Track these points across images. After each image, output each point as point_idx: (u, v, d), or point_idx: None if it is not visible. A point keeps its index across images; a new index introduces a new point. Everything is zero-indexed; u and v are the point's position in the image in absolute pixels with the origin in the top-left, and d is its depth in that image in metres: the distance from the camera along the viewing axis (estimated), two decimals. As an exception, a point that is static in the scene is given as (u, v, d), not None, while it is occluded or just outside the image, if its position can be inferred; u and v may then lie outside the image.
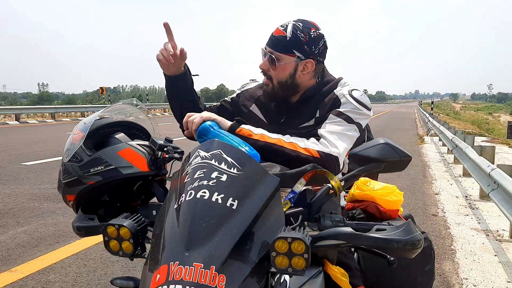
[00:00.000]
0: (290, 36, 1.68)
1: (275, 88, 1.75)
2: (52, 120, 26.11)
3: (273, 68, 1.73)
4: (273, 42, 1.71)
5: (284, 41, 1.69)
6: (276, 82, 1.74)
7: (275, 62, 1.71)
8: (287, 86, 1.74)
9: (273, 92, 1.77)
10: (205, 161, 1.13)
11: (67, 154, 1.37)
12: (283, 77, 1.73)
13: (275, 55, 1.70)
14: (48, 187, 7.05)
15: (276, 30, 1.73)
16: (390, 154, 1.25)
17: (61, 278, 3.62)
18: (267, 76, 1.76)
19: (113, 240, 1.15)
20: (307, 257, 0.99)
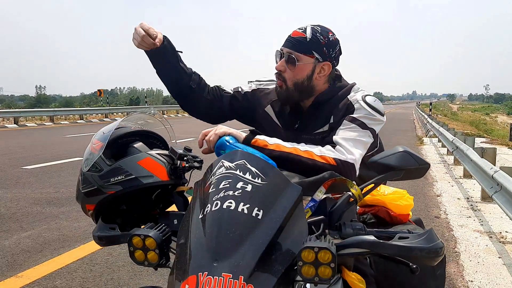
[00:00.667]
0: (310, 37, 1.71)
1: (290, 89, 1.76)
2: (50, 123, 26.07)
3: (291, 69, 1.74)
4: (292, 43, 1.73)
5: (304, 42, 1.71)
6: (292, 84, 1.75)
7: (294, 62, 1.72)
8: (302, 88, 1.76)
9: (287, 94, 1.77)
10: (229, 171, 1.15)
11: (86, 164, 1.37)
12: (299, 78, 1.74)
13: (294, 55, 1.72)
14: (50, 191, 7.05)
15: (294, 32, 1.75)
16: (409, 162, 1.26)
17: (67, 283, 3.62)
18: (281, 78, 1.77)
19: (138, 250, 1.16)
20: (334, 266, 1.00)
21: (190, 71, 1.94)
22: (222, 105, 1.99)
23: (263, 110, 1.92)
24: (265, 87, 1.99)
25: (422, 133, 20.99)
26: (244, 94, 1.99)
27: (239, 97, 1.99)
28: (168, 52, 1.85)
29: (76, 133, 18.37)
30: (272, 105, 1.91)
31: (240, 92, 2.00)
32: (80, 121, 28.36)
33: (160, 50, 1.82)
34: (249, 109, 1.96)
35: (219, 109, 2.00)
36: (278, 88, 1.80)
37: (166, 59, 1.85)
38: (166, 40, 1.83)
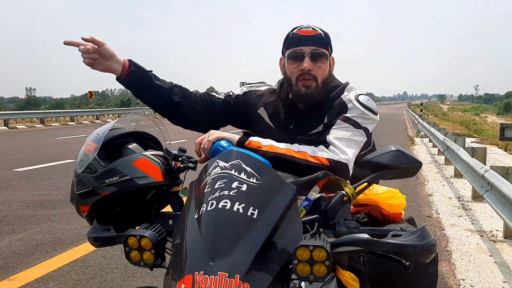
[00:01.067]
0: (323, 33, 1.76)
1: (319, 87, 1.75)
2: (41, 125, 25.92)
3: (320, 66, 1.74)
4: (312, 41, 1.73)
5: (321, 38, 1.75)
6: (321, 80, 1.76)
7: (326, 57, 1.75)
8: (327, 83, 1.79)
9: (317, 92, 1.76)
10: (225, 171, 1.15)
11: (80, 165, 1.37)
12: (327, 73, 1.78)
13: (322, 51, 1.74)
14: (42, 193, 7.01)
15: (305, 32, 1.75)
16: (402, 161, 1.28)
17: (60, 286, 3.61)
18: (311, 76, 1.74)
19: (134, 251, 1.16)
20: (328, 264, 1.01)
21: (170, 86, 1.90)
22: (214, 112, 1.96)
23: (256, 112, 1.92)
24: (256, 89, 1.99)
25: (413, 133, 21.13)
26: (235, 97, 1.98)
27: (231, 101, 1.97)
28: (138, 74, 1.81)
29: (67, 135, 18.27)
30: (265, 107, 1.91)
31: (231, 96, 1.98)
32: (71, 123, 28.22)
33: (130, 75, 1.79)
34: (242, 112, 1.96)
35: (211, 116, 1.96)
36: (305, 89, 1.75)
37: (140, 81, 1.82)
38: (132, 63, 1.81)
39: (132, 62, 1.81)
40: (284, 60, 1.82)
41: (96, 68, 1.73)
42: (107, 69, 1.76)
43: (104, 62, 1.73)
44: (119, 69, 1.77)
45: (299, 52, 1.74)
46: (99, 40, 1.70)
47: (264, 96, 1.94)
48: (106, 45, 1.71)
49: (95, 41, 1.69)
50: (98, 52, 1.71)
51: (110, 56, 1.73)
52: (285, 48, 1.80)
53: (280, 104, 1.88)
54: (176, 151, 1.42)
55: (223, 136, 1.55)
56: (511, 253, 4.43)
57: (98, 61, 1.72)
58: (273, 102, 1.90)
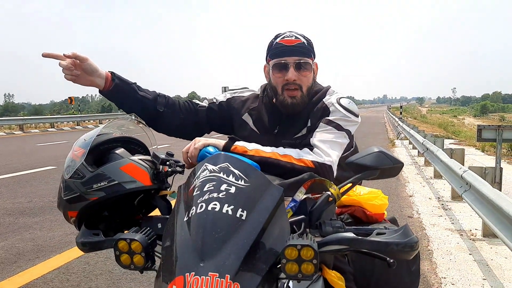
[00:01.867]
0: (305, 41, 1.77)
1: (304, 96, 1.79)
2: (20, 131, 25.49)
3: (305, 75, 1.77)
4: (296, 51, 1.75)
5: (305, 47, 1.77)
6: (306, 89, 1.79)
7: (309, 67, 1.77)
8: (311, 91, 1.81)
9: (302, 101, 1.79)
10: (213, 174, 1.18)
11: (67, 171, 1.37)
12: (311, 81, 1.81)
13: (306, 61, 1.76)
14: (23, 201, 6.90)
15: (288, 41, 1.76)
16: (384, 162, 1.32)
17: (43, 294, 3.57)
18: (297, 86, 1.77)
19: (124, 254, 1.17)
20: (316, 263, 1.04)
21: (154, 95, 1.91)
22: (198, 120, 1.97)
23: (240, 118, 1.94)
24: (239, 95, 2.01)
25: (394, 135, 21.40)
26: (219, 104, 1.99)
27: (215, 108, 1.99)
28: (122, 87, 1.82)
29: (47, 141, 17.97)
30: (250, 113, 1.93)
31: (215, 103, 2.00)
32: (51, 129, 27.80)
33: (114, 88, 1.80)
34: (226, 118, 1.97)
35: (195, 124, 1.98)
36: (291, 99, 1.77)
37: (124, 94, 1.82)
38: (114, 76, 1.81)
39: (114, 74, 1.81)
40: (269, 68, 1.85)
41: (78, 83, 1.73)
42: (90, 84, 1.76)
43: (87, 77, 1.73)
44: (102, 83, 1.77)
45: (284, 63, 1.76)
46: (82, 56, 1.69)
47: (248, 101, 1.97)
48: (88, 60, 1.71)
49: (77, 57, 1.68)
50: (80, 67, 1.70)
51: (92, 71, 1.73)
52: (269, 57, 1.83)
53: (263, 109, 1.90)
54: (164, 156, 1.44)
55: (209, 142, 1.57)
56: (490, 251, 4.54)
57: (80, 76, 1.71)
58: (257, 107, 1.92)
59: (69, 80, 1.71)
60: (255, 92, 2.01)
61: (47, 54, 1.68)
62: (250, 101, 1.97)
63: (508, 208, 3.37)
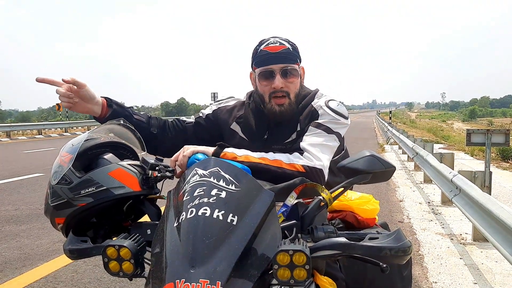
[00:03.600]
0: (290, 46, 1.75)
1: (292, 103, 1.77)
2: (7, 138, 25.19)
3: (292, 81, 1.75)
4: (281, 58, 1.73)
5: (290, 52, 1.74)
6: (294, 96, 1.77)
7: (296, 73, 1.75)
8: (299, 97, 1.79)
9: (291, 108, 1.77)
10: (204, 179, 1.16)
11: (55, 177, 1.35)
12: (298, 87, 1.78)
13: (292, 67, 1.74)
14: (9, 208, 6.80)
15: (272, 48, 1.74)
16: (376, 166, 1.31)
17: (31, 303, 3.50)
18: (285, 93, 1.75)
19: (113, 261, 1.15)
20: (308, 268, 1.03)
21: (147, 118, 1.91)
22: (187, 137, 1.96)
23: (228, 128, 1.92)
24: (225, 105, 1.99)
25: (383, 140, 21.51)
26: (206, 118, 1.98)
27: (202, 122, 1.98)
28: (119, 112, 1.82)
29: (35, 148, 17.78)
30: (237, 121, 1.91)
31: (202, 117, 1.99)
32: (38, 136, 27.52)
33: (111, 115, 1.79)
34: (214, 130, 1.95)
35: (185, 142, 1.91)
36: (279, 107, 1.76)
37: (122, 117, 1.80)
38: (110, 102, 1.81)
39: (111, 100, 1.81)
40: (255, 76, 1.83)
41: (75, 110, 1.73)
42: (87, 111, 1.76)
43: (84, 104, 1.73)
44: (99, 110, 1.78)
45: (270, 71, 1.74)
46: (80, 82, 1.68)
47: (234, 110, 1.95)
48: (86, 87, 1.70)
49: (76, 83, 1.67)
50: (77, 94, 1.69)
51: (90, 98, 1.73)
52: (255, 65, 1.80)
53: (251, 116, 1.89)
54: (153, 161, 1.42)
55: (198, 149, 1.55)
56: (480, 255, 4.55)
57: (77, 103, 1.71)
58: (244, 114, 1.91)
59: (66, 107, 1.70)
60: (241, 100, 1.99)
61: (41, 79, 1.66)
62: (236, 109, 1.95)
63: (498, 212, 3.39)
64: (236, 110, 1.95)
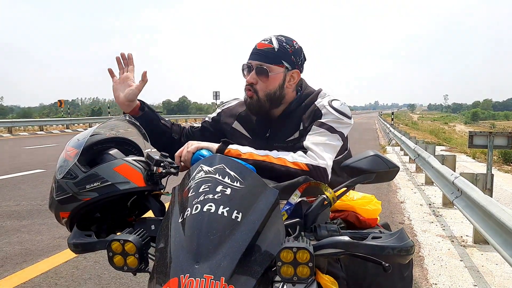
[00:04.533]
0: (278, 47, 1.74)
1: (261, 100, 1.77)
2: (8, 134, 25.23)
3: (263, 80, 1.75)
4: (260, 55, 1.75)
5: (273, 53, 1.74)
6: (264, 94, 1.77)
7: (267, 73, 1.74)
8: (274, 98, 1.78)
9: (258, 105, 1.78)
10: (209, 175, 1.16)
11: (60, 171, 1.35)
12: (272, 89, 1.76)
13: (265, 66, 1.73)
14: (10, 204, 6.82)
15: (260, 44, 1.76)
16: (380, 165, 1.32)
17: (31, 298, 3.51)
18: (253, 89, 1.78)
19: (117, 256, 1.15)
20: (312, 266, 1.03)
21: (170, 124, 2.00)
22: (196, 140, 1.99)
23: (231, 127, 1.94)
24: (228, 106, 2.02)
25: (385, 142, 21.50)
26: (212, 121, 2.02)
27: (208, 125, 2.01)
28: (149, 115, 1.92)
29: (36, 144, 17.82)
30: (239, 120, 1.92)
31: (208, 121, 2.03)
32: (40, 132, 27.56)
33: (143, 116, 1.89)
34: (219, 132, 1.97)
35: None
36: (248, 99, 1.80)
37: (150, 123, 1.90)
38: (144, 104, 1.91)
39: (144, 103, 1.92)
40: None
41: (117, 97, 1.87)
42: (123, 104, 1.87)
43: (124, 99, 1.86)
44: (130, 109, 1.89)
45: (247, 65, 1.79)
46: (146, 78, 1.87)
47: (235, 109, 1.97)
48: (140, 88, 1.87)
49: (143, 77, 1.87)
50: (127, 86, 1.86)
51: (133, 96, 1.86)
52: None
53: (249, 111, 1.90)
54: (158, 157, 1.42)
55: (202, 145, 1.56)
56: (480, 257, 4.56)
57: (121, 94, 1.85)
58: (245, 111, 1.91)
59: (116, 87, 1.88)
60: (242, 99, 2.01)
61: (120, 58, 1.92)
62: (237, 108, 1.97)
63: (500, 214, 3.39)
64: (237, 109, 1.96)
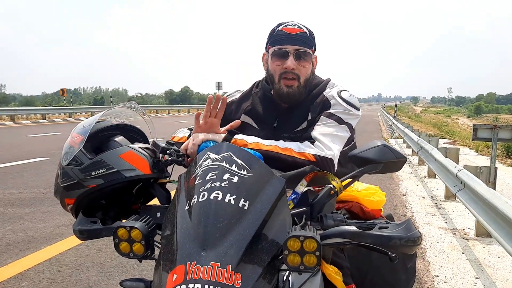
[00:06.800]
0: (308, 32, 1.75)
1: (301, 87, 1.75)
2: (11, 122, 25.29)
3: (304, 65, 1.73)
4: (297, 40, 1.72)
5: (307, 37, 1.74)
6: (304, 80, 1.75)
7: (310, 57, 1.74)
8: (309, 83, 1.78)
9: (298, 92, 1.75)
10: (216, 163, 1.16)
11: (65, 158, 1.35)
12: (309, 73, 1.77)
13: (305, 51, 1.73)
14: (13, 191, 6.84)
15: (291, 30, 1.73)
16: (387, 156, 1.31)
17: (34, 284, 3.53)
18: (295, 75, 1.73)
19: (123, 242, 1.15)
20: (319, 255, 1.03)
21: None
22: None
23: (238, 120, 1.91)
24: (232, 98, 1.97)
25: (388, 134, 21.46)
26: None
27: None
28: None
29: (39, 133, 17.84)
30: (246, 113, 1.89)
31: None
32: (42, 120, 27.59)
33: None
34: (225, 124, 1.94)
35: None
36: (287, 88, 1.74)
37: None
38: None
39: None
40: (268, 56, 1.81)
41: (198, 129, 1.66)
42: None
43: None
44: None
45: (284, 50, 1.72)
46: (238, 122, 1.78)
47: (242, 102, 1.93)
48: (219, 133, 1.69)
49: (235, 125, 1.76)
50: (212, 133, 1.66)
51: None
52: (270, 45, 1.78)
53: (259, 104, 1.87)
54: (164, 144, 1.41)
55: (208, 137, 1.55)
56: (482, 250, 4.56)
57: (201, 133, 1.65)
58: (252, 103, 1.89)
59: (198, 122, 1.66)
60: (247, 90, 1.98)
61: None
62: (243, 100, 1.93)
63: (503, 207, 3.38)
64: (243, 101, 1.93)
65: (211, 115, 1.66)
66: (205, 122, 1.64)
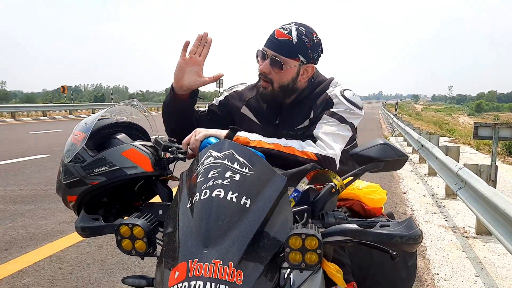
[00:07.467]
0: (296, 40, 1.68)
1: (275, 91, 1.74)
2: (12, 119, 25.29)
3: (277, 72, 1.71)
4: (277, 45, 1.69)
5: (290, 45, 1.68)
6: (277, 86, 1.73)
7: (281, 66, 1.69)
8: (288, 89, 1.75)
9: (272, 95, 1.76)
10: (218, 161, 1.16)
11: (68, 155, 1.35)
12: (285, 81, 1.73)
13: (280, 59, 1.69)
14: (15, 188, 6.85)
15: (278, 33, 1.70)
16: (389, 154, 1.31)
17: (36, 281, 3.54)
18: (267, 79, 1.74)
19: (126, 239, 1.15)
20: (320, 253, 1.03)
21: (196, 111, 1.97)
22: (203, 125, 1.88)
23: (239, 112, 1.91)
24: (236, 90, 1.98)
25: (388, 132, 21.45)
26: (219, 105, 1.98)
27: (215, 109, 1.98)
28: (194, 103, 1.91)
29: (39, 130, 17.86)
30: (247, 105, 1.90)
31: (215, 105, 1.99)
32: (43, 117, 27.60)
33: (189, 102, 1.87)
34: (227, 115, 1.94)
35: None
36: (263, 89, 1.77)
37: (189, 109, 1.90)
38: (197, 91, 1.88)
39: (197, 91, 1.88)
40: None
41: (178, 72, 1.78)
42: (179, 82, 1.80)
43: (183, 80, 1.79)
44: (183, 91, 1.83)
45: (264, 53, 1.73)
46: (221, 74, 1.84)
47: (244, 94, 1.94)
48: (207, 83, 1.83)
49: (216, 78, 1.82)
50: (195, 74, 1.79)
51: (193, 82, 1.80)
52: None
53: (261, 99, 1.87)
54: (166, 142, 1.42)
55: (210, 133, 1.55)
56: (483, 248, 4.57)
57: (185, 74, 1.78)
58: (254, 97, 1.89)
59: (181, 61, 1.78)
60: (251, 84, 1.98)
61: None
62: (246, 93, 1.94)
63: (504, 205, 3.38)
64: (246, 93, 1.93)
65: (197, 52, 1.78)
66: (190, 57, 1.77)
